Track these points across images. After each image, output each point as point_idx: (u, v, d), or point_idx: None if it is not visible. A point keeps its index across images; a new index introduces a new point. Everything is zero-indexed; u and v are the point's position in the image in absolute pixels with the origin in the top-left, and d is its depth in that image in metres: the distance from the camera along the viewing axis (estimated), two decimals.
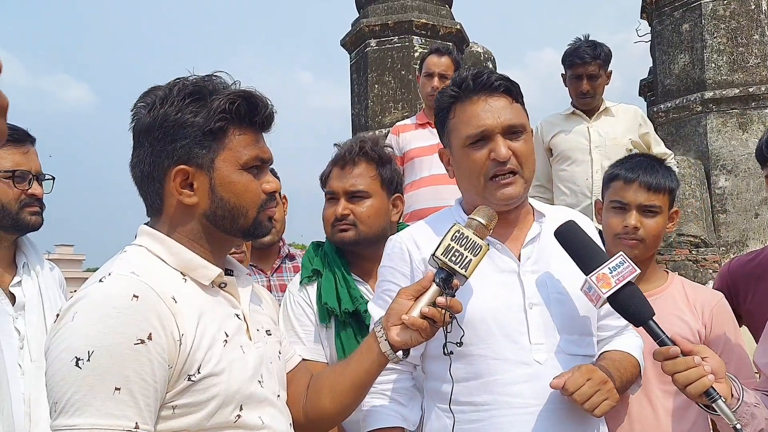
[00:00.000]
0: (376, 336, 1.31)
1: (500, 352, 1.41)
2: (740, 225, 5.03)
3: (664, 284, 1.87)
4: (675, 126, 5.45)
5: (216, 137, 1.19)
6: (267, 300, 1.45)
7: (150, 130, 1.19)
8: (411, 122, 3.73)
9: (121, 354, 1.03)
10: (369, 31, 5.87)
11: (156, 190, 1.22)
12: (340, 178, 1.94)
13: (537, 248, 1.50)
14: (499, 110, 1.45)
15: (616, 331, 1.58)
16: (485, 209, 1.35)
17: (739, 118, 5.15)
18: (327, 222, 1.97)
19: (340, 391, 1.35)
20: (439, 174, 3.50)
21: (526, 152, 1.46)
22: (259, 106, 1.23)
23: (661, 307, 1.70)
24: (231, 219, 1.23)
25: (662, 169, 1.84)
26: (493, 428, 1.39)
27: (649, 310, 1.33)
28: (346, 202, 1.92)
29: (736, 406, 1.34)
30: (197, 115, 1.17)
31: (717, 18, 5.25)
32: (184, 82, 1.20)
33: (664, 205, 1.82)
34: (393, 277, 1.54)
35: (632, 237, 1.80)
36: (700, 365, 1.26)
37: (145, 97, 1.23)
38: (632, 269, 1.33)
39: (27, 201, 1.91)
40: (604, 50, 3.57)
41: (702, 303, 1.81)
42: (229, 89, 1.22)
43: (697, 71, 5.33)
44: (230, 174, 1.20)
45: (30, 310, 1.88)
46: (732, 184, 5.08)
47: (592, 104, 3.63)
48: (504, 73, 1.51)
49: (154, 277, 1.13)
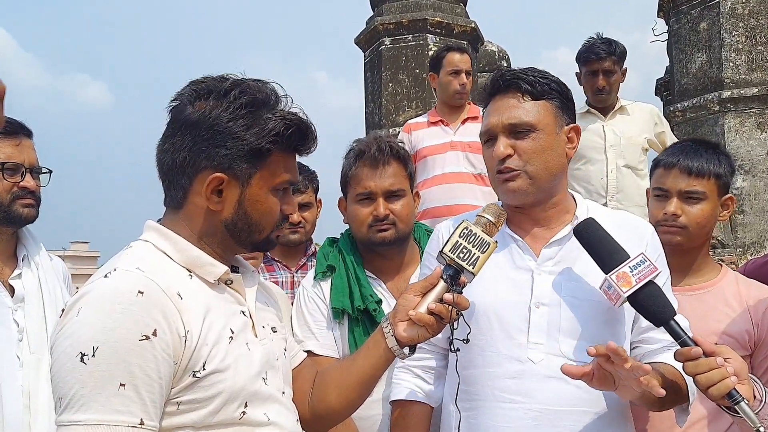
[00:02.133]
0: (383, 331, 1.31)
1: (495, 346, 1.42)
2: (758, 226, 4.97)
3: (715, 278, 1.78)
4: (692, 126, 5.39)
5: (261, 156, 1.19)
6: (275, 296, 1.45)
7: (197, 126, 1.18)
8: (423, 120, 3.70)
9: (126, 350, 1.03)
10: (383, 30, 5.86)
11: (182, 184, 1.21)
12: (374, 178, 1.91)
13: (563, 250, 1.48)
14: (505, 109, 1.47)
15: (664, 345, 1.48)
16: (494, 207, 1.36)
17: (757, 118, 5.09)
18: (362, 223, 1.93)
19: (346, 387, 1.35)
20: (451, 172, 3.49)
21: (532, 150, 1.45)
22: (308, 137, 1.25)
23: (709, 302, 1.65)
24: (247, 233, 1.24)
25: (708, 154, 1.75)
26: (479, 417, 1.42)
27: (671, 311, 1.31)
28: (384, 201, 1.91)
29: (759, 408, 1.31)
30: (249, 129, 1.17)
31: (735, 16, 5.18)
32: (242, 88, 1.19)
33: (709, 191, 1.73)
34: (431, 263, 1.57)
35: (673, 224, 1.73)
36: (722, 366, 1.24)
37: (196, 86, 1.21)
38: (653, 268, 1.31)
39: (19, 193, 1.90)
40: (619, 47, 3.56)
41: (756, 299, 1.71)
42: (281, 106, 1.23)
43: (715, 70, 5.26)
44: (261, 193, 1.22)
45: (29, 303, 1.88)
46: (750, 185, 5.01)
47: (607, 101, 3.60)
48: (535, 71, 1.51)
49: (159, 273, 1.13)
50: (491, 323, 1.43)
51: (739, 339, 1.65)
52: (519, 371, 1.39)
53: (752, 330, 1.68)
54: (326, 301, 1.95)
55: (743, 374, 1.28)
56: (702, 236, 1.77)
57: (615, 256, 1.35)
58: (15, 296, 1.89)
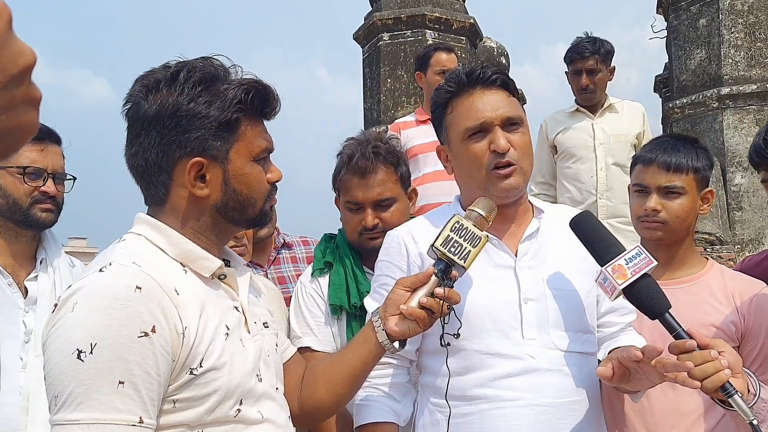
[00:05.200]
0: (374, 326, 1.30)
1: (493, 347, 1.41)
2: (756, 223, 4.97)
3: (701, 271, 1.79)
4: (691, 122, 5.39)
5: (231, 129, 1.17)
6: (265, 291, 1.44)
7: (159, 118, 1.14)
8: (411, 119, 3.71)
9: (125, 347, 1.01)
10: (382, 25, 5.85)
11: (162, 181, 1.18)
12: (362, 189, 1.89)
13: (535, 244, 1.49)
14: (497, 103, 1.47)
15: (621, 327, 1.55)
16: (485, 200, 1.35)
17: (756, 115, 5.09)
18: (353, 230, 1.94)
19: (336, 381, 1.34)
20: (442, 170, 3.50)
21: (524, 145, 1.48)
22: (270, 97, 1.22)
23: (695, 294, 1.65)
24: (241, 210, 1.22)
25: (686, 148, 1.77)
26: (484, 422, 1.39)
27: (665, 303, 1.31)
28: (373, 211, 1.90)
29: (752, 401, 1.31)
30: (211, 105, 1.15)
31: (735, 13, 5.18)
32: (188, 68, 1.16)
33: (688, 186, 1.74)
34: (389, 271, 1.54)
35: (653, 220, 1.74)
36: (716, 359, 1.24)
37: (143, 81, 1.18)
38: (649, 261, 1.31)
39: (39, 198, 1.91)
40: (604, 46, 3.58)
41: (741, 292, 1.72)
42: (233, 76, 1.20)
43: (714, 67, 5.26)
44: (243, 166, 1.19)
45: (41, 305, 1.88)
46: (748, 182, 5.01)
47: (593, 99, 3.63)
48: (498, 67, 1.53)
49: (155, 268, 1.10)
50: (484, 323, 1.42)
51: (726, 331, 1.66)
52: (522, 368, 1.39)
53: (739, 322, 1.68)
54: (324, 296, 1.95)
55: (737, 367, 1.28)
56: (683, 230, 1.78)
57: (611, 248, 1.35)
58: (28, 298, 1.88)
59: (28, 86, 0.54)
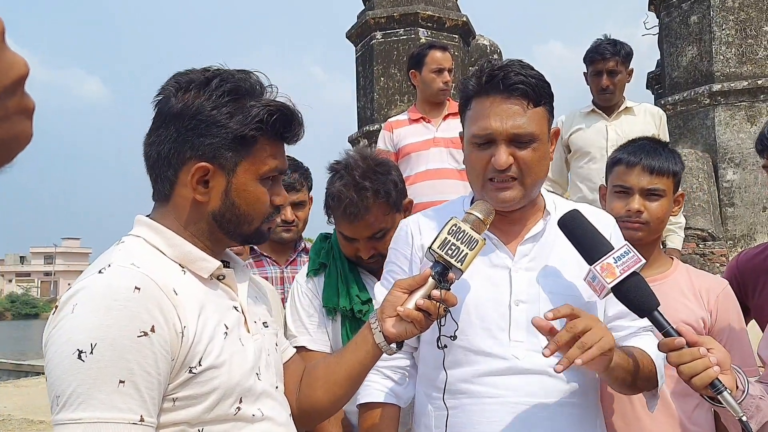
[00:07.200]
0: (371, 327, 1.31)
1: (477, 345, 1.41)
2: (748, 219, 5.00)
3: (668, 270, 1.85)
4: (682, 119, 5.41)
5: (245, 144, 1.18)
6: (265, 291, 1.45)
7: (180, 116, 1.17)
8: (404, 117, 3.71)
9: (125, 347, 1.02)
10: (374, 24, 5.85)
11: (168, 176, 1.20)
12: (355, 230, 1.86)
13: (537, 246, 1.49)
14: (509, 116, 1.40)
15: (632, 331, 1.51)
16: (483, 204, 1.35)
17: (747, 111, 5.11)
18: (349, 254, 1.94)
19: (333, 382, 1.35)
20: (435, 168, 3.51)
21: (532, 161, 1.41)
22: (294, 124, 1.23)
23: (665, 293, 1.68)
24: (236, 224, 1.23)
25: (665, 152, 1.83)
26: (464, 415, 1.41)
27: (654, 301, 1.31)
28: (367, 243, 1.88)
29: (741, 398, 1.32)
30: (232, 117, 1.16)
31: (726, 9, 5.20)
32: (224, 76, 1.18)
33: (667, 188, 1.81)
34: (396, 258, 1.57)
35: (636, 220, 1.78)
36: (705, 356, 1.25)
37: (179, 78, 1.21)
38: (637, 259, 1.31)
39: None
40: (624, 48, 3.65)
41: (707, 290, 1.79)
42: (266, 95, 1.22)
43: (705, 63, 5.28)
44: (248, 182, 1.20)
45: None
46: (740, 178, 5.04)
47: (612, 101, 3.67)
48: (532, 71, 1.43)
49: (154, 269, 1.12)
50: (471, 321, 1.42)
51: (696, 326, 1.70)
52: (506, 368, 1.40)
53: (707, 318, 1.75)
54: (319, 296, 1.95)
55: (726, 364, 1.29)
56: (659, 231, 1.85)
57: (599, 247, 1.35)
58: None
59: (21, 97, 0.55)
